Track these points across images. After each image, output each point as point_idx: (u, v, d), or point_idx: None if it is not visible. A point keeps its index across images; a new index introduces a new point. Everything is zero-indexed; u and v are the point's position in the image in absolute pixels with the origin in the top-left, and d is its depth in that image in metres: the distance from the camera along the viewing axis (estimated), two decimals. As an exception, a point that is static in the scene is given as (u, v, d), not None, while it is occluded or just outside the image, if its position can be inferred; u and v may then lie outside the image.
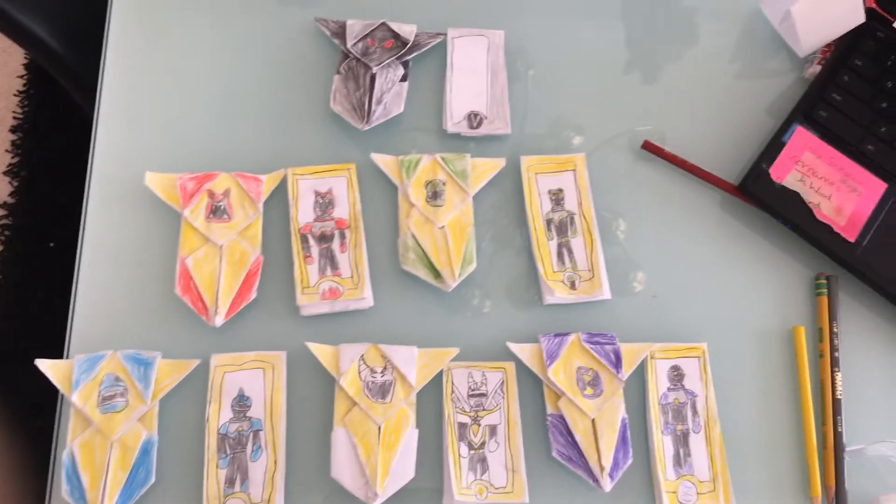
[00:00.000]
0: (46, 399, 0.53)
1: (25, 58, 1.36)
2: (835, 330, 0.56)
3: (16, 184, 1.29)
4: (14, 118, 1.33)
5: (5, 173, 1.29)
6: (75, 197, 0.58)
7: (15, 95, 1.34)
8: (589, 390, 0.53)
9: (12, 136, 1.31)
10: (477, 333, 0.56)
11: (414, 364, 0.53)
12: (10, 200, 1.28)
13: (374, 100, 0.59)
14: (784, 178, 0.59)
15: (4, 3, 0.74)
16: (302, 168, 0.59)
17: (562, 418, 0.52)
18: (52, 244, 1.27)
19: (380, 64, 0.61)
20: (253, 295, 0.55)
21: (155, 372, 0.52)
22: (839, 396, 0.54)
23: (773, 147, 0.60)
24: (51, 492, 0.50)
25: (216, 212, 0.57)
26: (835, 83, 0.62)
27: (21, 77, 1.35)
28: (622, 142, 0.63)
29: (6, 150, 1.30)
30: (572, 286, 0.56)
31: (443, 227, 0.57)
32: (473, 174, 0.59)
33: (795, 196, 0.58)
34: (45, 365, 0.51)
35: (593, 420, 0.52)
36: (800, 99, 0.62)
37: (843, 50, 0.63)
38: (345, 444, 0.50)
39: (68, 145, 1.30)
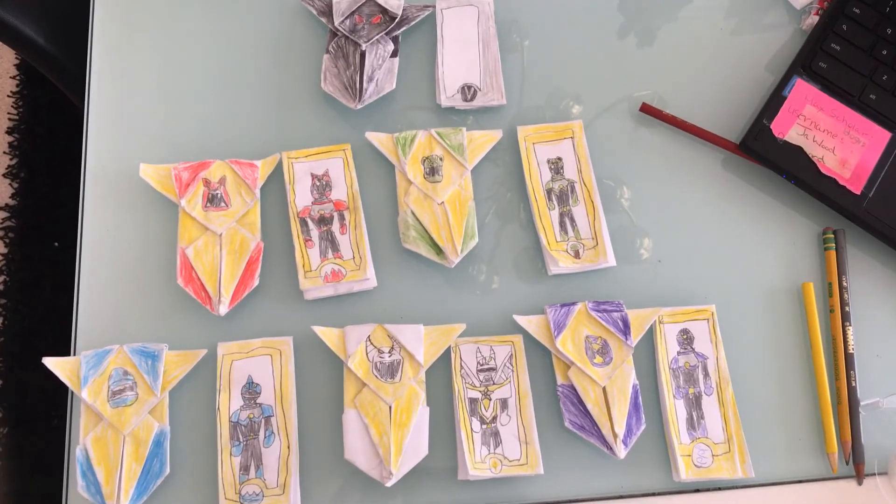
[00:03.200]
0: (60, 398, 0.53)
1: (17, 58, 1.35)
2: (844, 284, 0.56)
3: (16, 185, 1.29)
4: (10, 119, 1.32)
5: (5, 175, 1.29)
6: (76, 195, 0.58)
7: (9, 97, 1.33)
8: (598, 358, 0.52)
9: (9, 138, 1.31)
10: (483, 308, 0.55)
11: (421, 342, 0.52)
12: (11, 202, 1.28)
13: (365, 77, 0.59)
14: (786, 133, 0.58)
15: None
16: (297, 151, 0.58)
17: (572, 388, 0.52)
18: (56, 244, 1.27)
19: (369, 40, 0.60)
20: (255, 282, 0.54)
21: (163, 364, 0.51)
22: (851, 351, 0.54)
23: (774, 102, 0.59)
24: (67, 488, 0.50)
25: (213, 200, 0.56)
26: (833, 32, 0.60)
27: (14, 78, 1.34)
28: (622, 107, 0.62)
29: (4, 153, 1.30)
30: (576, 255, 0.56)
31: (442, 202, 0.56)
32: (470, 147, 0.58)
33: (798, 151, 0.57)
34: (52, 363, 0.51)
35: (604, 388, 0.51)
36: (798, 51, 0.61)
37: (842, -2, 0.62)
38: (357, 426, 0.50)
39: (65, 144, 1.30)
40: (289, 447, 0.50)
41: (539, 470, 0.50)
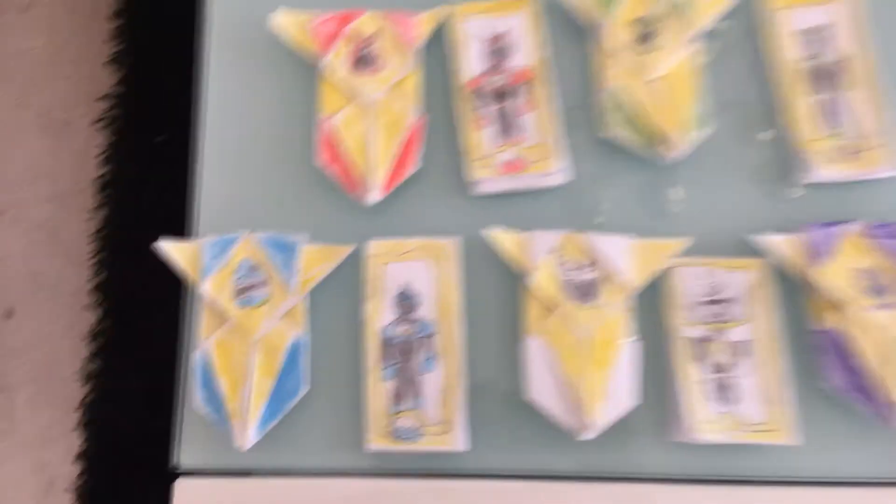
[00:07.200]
0: (165, 295, 0.44)
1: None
2: None
3: (122, 72, 1.22)
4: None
5: (111, 62, 1.22)
6: (188, 82, 0.50)
7: (116, -24, 1.25)
8: (878, 299, 0.38)
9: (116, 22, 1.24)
10: (711, 220, 0.43)
11: (628, 258, 0.40)
12: (119, 90, 1.22)
13: None
14: None
15: None
16: (469, 5, 0.46)
17: (838, 336, 0.38)
18: (159, 138, 1.21)
19: None
20: (415, 166, 0.43)
21: (300, 259, 0.41)
22: None
23: None
24: (181, 398, 0.41)
25: (363, 60, 0.45)
26: None
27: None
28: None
29: (103, 42, 1.23)
30: (844, 158, 0.42)
31: (659, 78, 0.43)
32: (702, 4, 0.44)
33: None
34: (168, 247, 0.42)
35: (886, 338, 0.37)
36: None
37: None
38: (542, 359, 0.39)
39: (174, 24, 1.21)
40: (454, 375, 0.39)
41: (792, 439, 0.37)
